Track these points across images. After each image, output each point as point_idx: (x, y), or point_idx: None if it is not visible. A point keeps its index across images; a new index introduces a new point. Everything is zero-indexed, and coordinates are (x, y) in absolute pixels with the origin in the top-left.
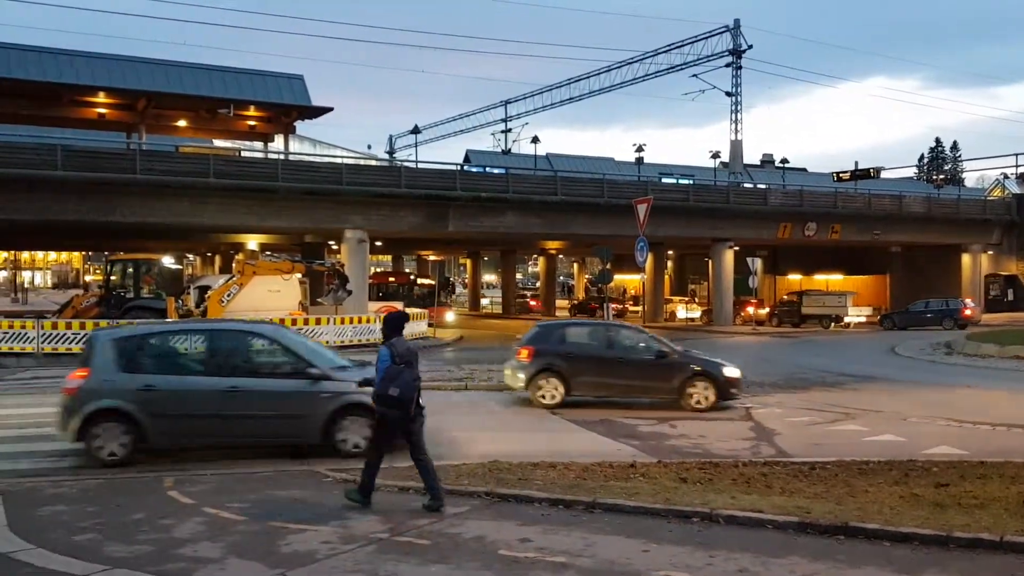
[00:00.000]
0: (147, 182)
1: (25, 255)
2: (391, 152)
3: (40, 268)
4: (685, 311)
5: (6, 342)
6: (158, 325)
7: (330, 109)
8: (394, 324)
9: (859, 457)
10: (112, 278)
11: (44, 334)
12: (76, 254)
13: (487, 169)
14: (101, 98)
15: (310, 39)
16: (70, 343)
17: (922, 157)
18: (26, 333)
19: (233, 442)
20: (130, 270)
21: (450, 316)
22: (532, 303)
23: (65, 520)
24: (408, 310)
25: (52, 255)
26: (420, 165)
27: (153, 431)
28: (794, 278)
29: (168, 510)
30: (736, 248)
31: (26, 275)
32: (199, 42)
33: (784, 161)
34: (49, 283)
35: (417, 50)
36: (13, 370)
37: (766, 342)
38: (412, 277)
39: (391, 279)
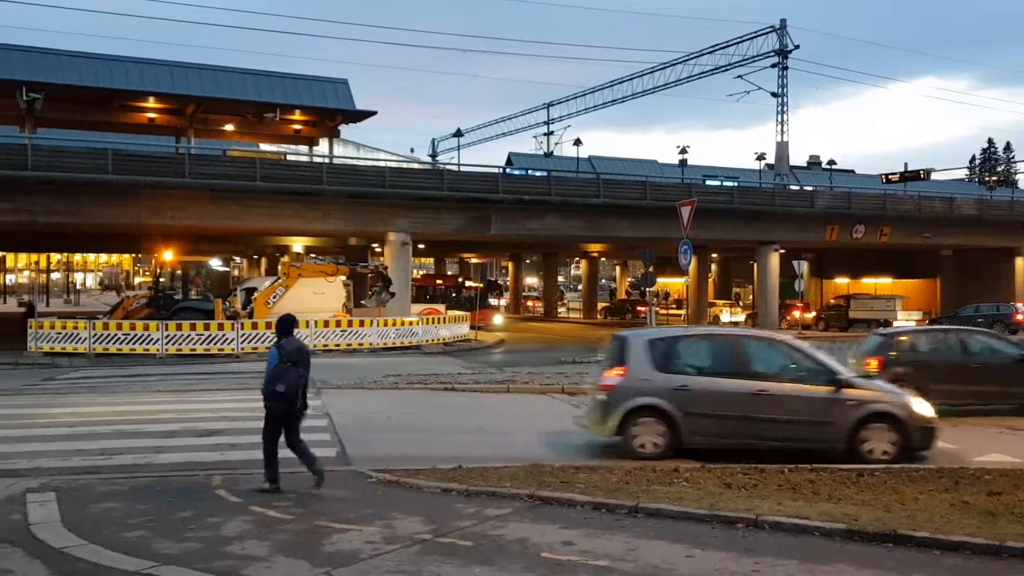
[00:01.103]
0: (196, 185)
1: (77, 257)
2: (434, 155)
3: (92, 270)
4: (729, 315)
5: (59, 342)
6: (686, 329)
7: (374, 113)
8: (284, 327)
9: (908, 464)
10: (161, 280)
11: (96, 335)
12: (126, 256)
13: (529, 172)
14: (151, 103)
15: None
16: (120, 344)
17: (973, 158)
18: (78, 334)
19: (759, 445)
20: (179, 272)
21: (498, 319)
22: (529, 303)
23: (116, 517)
24: (449, 313)
25: (103, 257)
26: (462, 168)
27: (685, 429)
28: (841, 281)
29: (216, 508)
30: (782, 251)
31: (78, 277)
32: (248, 48)
33: (831, 163)
34: (99, 285)
35: (460, 54)
36: (66, 370)
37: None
38: (460, 280)
39: (438, 281)
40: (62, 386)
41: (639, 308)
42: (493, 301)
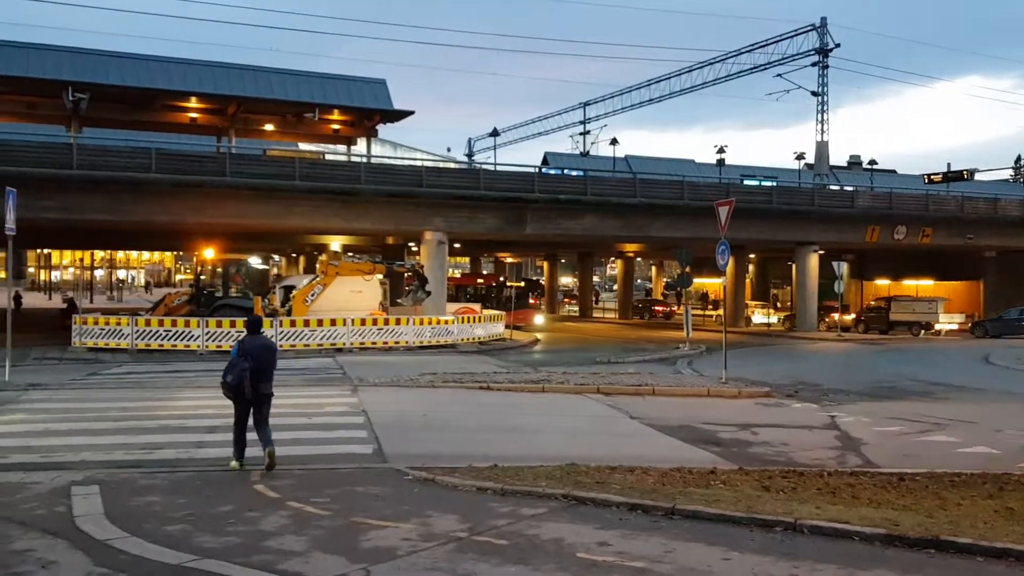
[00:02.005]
0: (237, 185)
1: (120, 255)
2: (470, 155)
3: (134, 267)
4: (763, 316)
5: (103, 338)
6: None
7: (411, 112)
8: (252, 326)
9: (950, 469)
10: (202, 277)
11: (138, 331)
12: (168, 254)
13: (565, 171)
14: (193, 103)
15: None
16: (162, 340)
17: (1019, 158)
18: (121, 330)
19: None
20: (219, 270)
21: (539, 319)
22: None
23: (157, 511)
24: (484, 312)
25: (146, 255)
26: (499, 168)
27: None
28: (882, 283)
29: (255, 503)
30: (821, 252)
31: (120, 273)
32: (287, 48)
33: (872, 163)
34: (142, 282)
35: (497, 53)
36: (108, 365)
37: (852, 349)
38: (501, 279)
39: (479, 280)
40: (106, 381)
41: (657, 308)
42: (533, 301)
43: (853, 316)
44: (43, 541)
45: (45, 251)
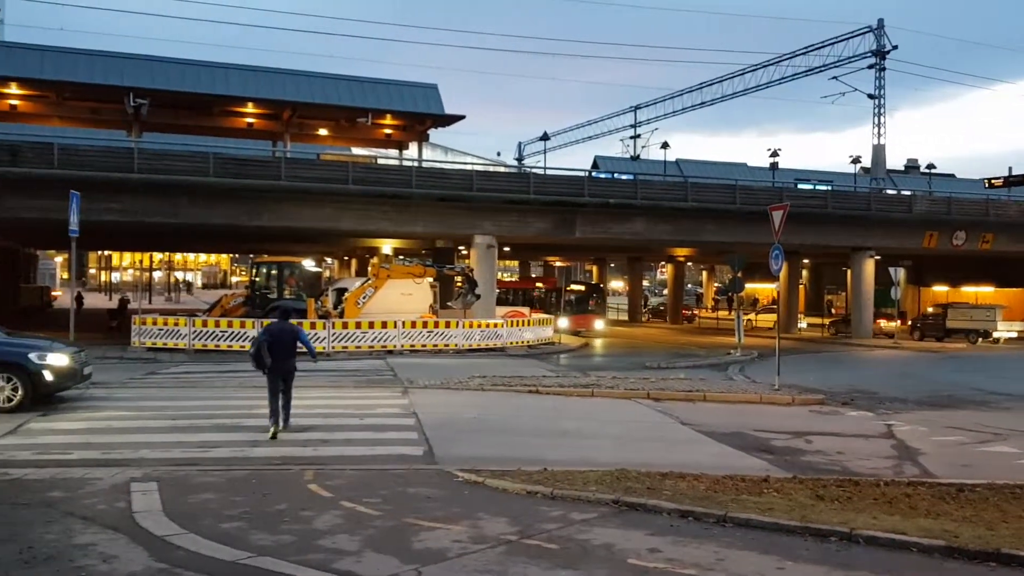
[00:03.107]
0: (291, 188)
1: (178, 256)
2: (520, 159)
3: (191, 269)
4: (804, 323)
5: (161, 338)
6: None
7: (463, 117)
8: (284, 314)
9: (1011, 480)
10: (256, 279)
11: (195, 331)
12: (224, 256)
13: (615, 175)
14: (250, 108)
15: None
16: (219, 341)
17: None
18: (179, 330)
19: None
20: (274, 272)
21: (599, 324)
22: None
23: (213, 508)
24: (533, 315)
25: (202, 257)
26: (548, 172)
27: None
28: (940, 290)
29: (308, 502)
30: (877, 257)
31: (178, 275)
32: (340, 54)
33: (930, 167)
34: (200, 283)
35: (547, 57)
36: (166, 365)
37: (908, 357)
38: (562, 283)
39: (538, 284)
40: (164, 380)
41: (684, 311)
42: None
43: (897, 323)
44: (104, 535)
45: (106, 253)
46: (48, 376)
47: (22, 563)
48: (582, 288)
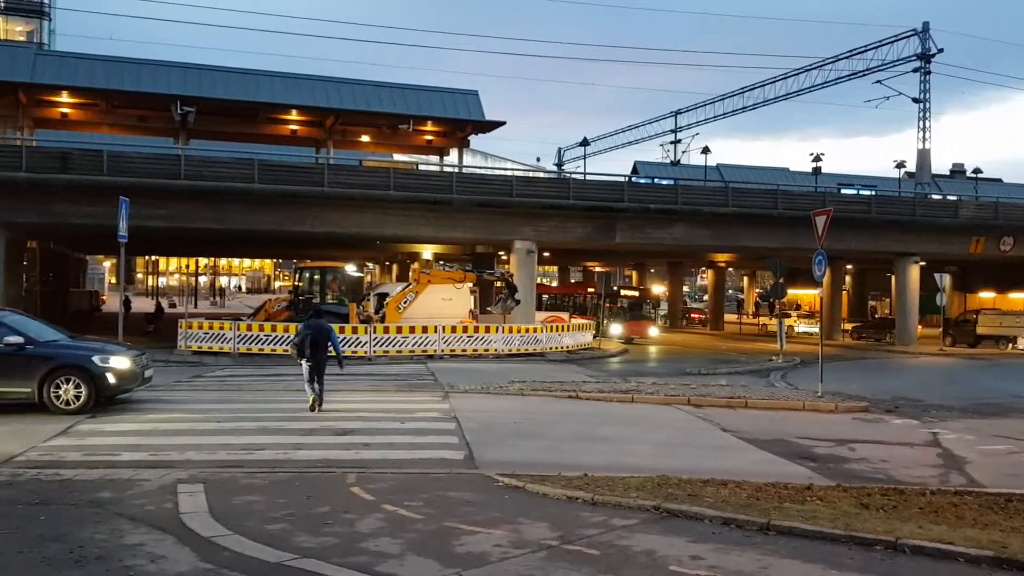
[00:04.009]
0: (334, 195)
1: (223, 261)
2: (559, 164)
3: (236, 274)
4: (805, 326)
5: (206, 342)
6: None
7: (503, 123)
8: (315, 313)
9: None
10: (300, 284)
11: (239, 335)
12: (268, 261)
13: (655, 180)
14: (294, 116)
15: (485, 55)
16: (262, 344)
17: None
18: (224, 334)
19: None
20: (317, 277)
21: (653, 331)
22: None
23: (258, 510)
24: (572, 321)
25: (247, 262)
26: (588, 177)
27: None
28: (986, 296)
29: (351, 505)
30: (922, 263)
31: (223, 280)
32: (381, 61)
33: (976, 171)
34: (244, 288)
35: (587, 63)
36: (212, 368)
37: (954, 364)
38: (615, 288)
39: (589, 289)
40: (209, 383)
41: (694, 315)
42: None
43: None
44: (152, 536)
45: (153, 258)
46: (111, 379)
47: (73, 562)
48: (635, 294)
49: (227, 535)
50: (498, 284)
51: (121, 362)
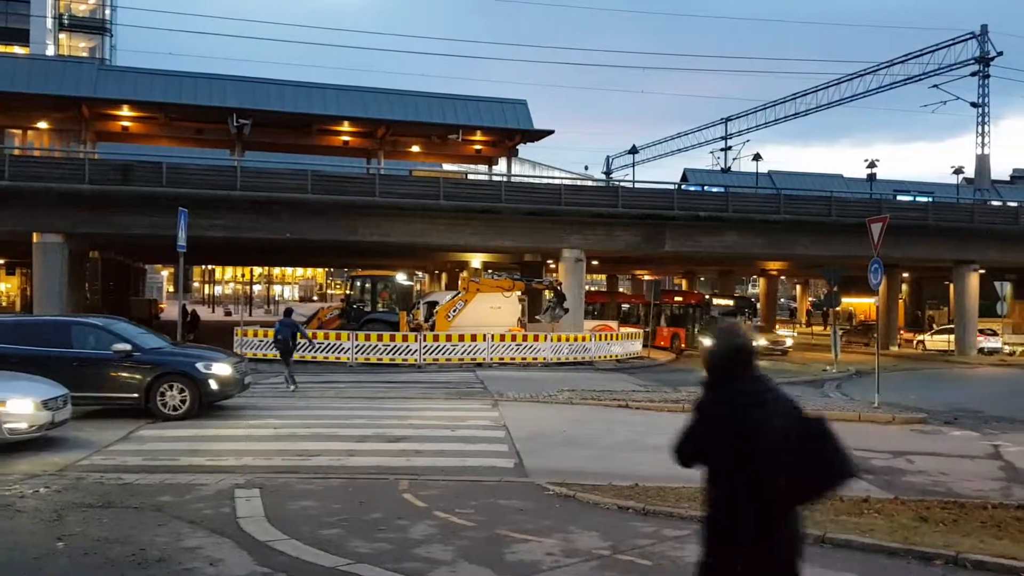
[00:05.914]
0: (385, 204)
1: (276, 271)
2: (608, 172)
3: (289, 283)
4: (791, 332)
5: (261, 349)
6: None
7: (551, 132)
8: (285, 312)
9: None
10: (351, 293)
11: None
12: (320, 270)
13: (705, 188)
14: (346, 127)
15: (534, 64)
16: (315, 352)
17: None
18: None
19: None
20: (368, 286)
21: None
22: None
23: (313, 515)
24: (621, 329)
25: (300, 271)
26: (637, 185)
27: None
28: None
29: (403, 511)
30: (981, 271)
31: (276, 288)
32: (430, 72)
33: None
34: (297, 296)
35: (636, 71)
36: (266, 375)
37: (1014, 375)
38: (706, 297)
39: (677, 299)
40: (265, 390)
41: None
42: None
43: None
44: (210, 540)
45: (209, 267)
46: (213, 385)
47: (135, 564)
48: (731, 302)
49: (283, 539)
50: (547, 292)
51: (223, 368)
